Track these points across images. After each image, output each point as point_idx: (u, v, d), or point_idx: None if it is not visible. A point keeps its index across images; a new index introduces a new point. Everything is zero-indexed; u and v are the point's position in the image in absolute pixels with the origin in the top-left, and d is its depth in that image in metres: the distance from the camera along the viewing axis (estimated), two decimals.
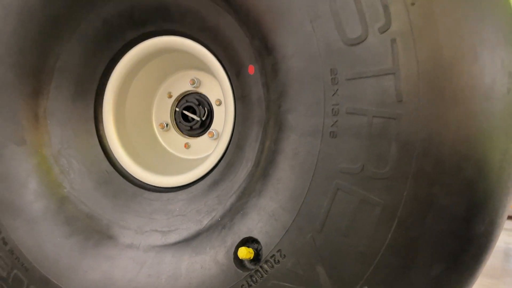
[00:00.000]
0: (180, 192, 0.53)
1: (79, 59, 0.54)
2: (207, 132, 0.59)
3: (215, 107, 0.58)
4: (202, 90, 0.59)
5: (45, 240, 0.51)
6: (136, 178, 0.56)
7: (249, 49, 0.46)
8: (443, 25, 0.37)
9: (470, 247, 0.40)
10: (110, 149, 0.57)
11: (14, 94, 0.53)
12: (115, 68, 0.56)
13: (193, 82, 0.59)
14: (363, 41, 0.38)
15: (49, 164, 0.53)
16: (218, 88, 0.57)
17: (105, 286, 0.47)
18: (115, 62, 0.56)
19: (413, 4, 0.37)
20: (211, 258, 0.44)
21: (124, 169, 0.56)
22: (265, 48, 0.43)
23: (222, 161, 0.51)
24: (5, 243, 0.51)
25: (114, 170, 0.55)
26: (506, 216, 0.46)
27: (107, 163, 0.56)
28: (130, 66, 0.56)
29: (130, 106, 0.59)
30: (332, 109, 0.39)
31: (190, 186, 0.53)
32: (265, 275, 0.41)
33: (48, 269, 0.50)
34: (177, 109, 0.60)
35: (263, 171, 0.44)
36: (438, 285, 0.40)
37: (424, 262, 0.39)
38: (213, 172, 0.51)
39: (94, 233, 0.50)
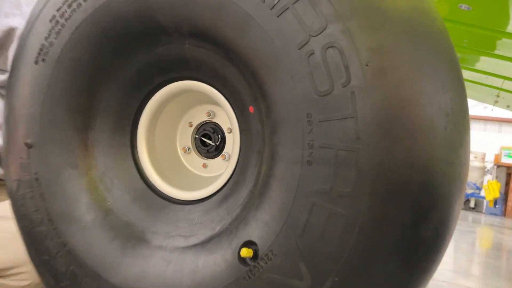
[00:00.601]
0: (198, 205, 0.67)
1: (118, 99, 0.68)
2: (221, 155, 0.72)
3: (227, 135, 0.71)
4: (216, 120, 0.72)
5: (94, 243, 0.65)
6: (164, 193, 0.69)
7: (249, 94, 0.58)
8: (390, 80, 0.49)
9: (419, 248, 0.51)
10: (143, 170, 0.70)
11: (69, 128, 0.67)
12: (146, 106, 0.70)
13: (209, 114, 0.72)
14: (330, 93, 0.50)
15: (96, 183, 0.68)
16: (228, 119, 0.70)
17: (141, 279, 0.61)
18: (146, 101, 0.70)
19: (367, 65, 0.49)
20: (221, 257, 0.56)
21: (154, 186, 0.70)
22: (260, 94, 0.56)
23: (230, 180, 0.63)
24: (64, 245, 0.66)
25: (146, 187, 0.69)
26: (453, 225, 0.56)
27: (141, 181, 0.69)
28: (158, 103, 0.70)
29: (159, 134, 0.72)
30: (308, 143, 0.51)
31: (206, 200, 0.66)
32: (261, 270, 0.53)
33: (97, 265, 0.64)
34: (196, 136, 0.73)
35: (260, 190, 0.56)
36: (394, 278, 0.52)
37: (381, 260, 0.50)
38: (224, 189, 0.64)
39: (132, 237, 0.64)
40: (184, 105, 0.72)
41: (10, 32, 0.93)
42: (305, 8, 0.50)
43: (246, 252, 0.53)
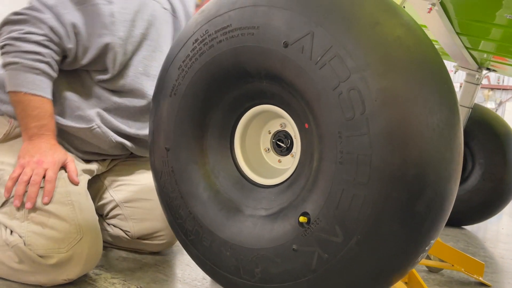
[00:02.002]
0: (274, 188, 0.98)
1: (222, 118, 1.02)
2: (290, 154, 1.02)
3: (294, 140, 1.02)
4: (287, 129, 1.03)
5: (209, 212, 1.00)
6: (252, 180, 1.02)
7: (304, 115, 0.88)
8: (390, 109, 0.74)
9: (414, 218, 0.77)
10: (238, 164, 1.04)
11: (191, 137, 1.03)
12: (240, 121, 1.03)
13: (281, 125, 1.03)
14: (352, 119, 0.77)
15: (209, 173, 1.03)
16: (293, 130, 1.00)
17: (238, 234, 0.94)
18: (239, 118, 1.02)
19: (375, 100, 0.75)
20: (287, 222, 0.87)
21: (246, 175, 1.03)
22: (311, 117, 0.85)
23: (295, 172, 0.94)
24: (191, 213, 1.02)
25: (240, 175, 1.03)
26: (445, 205, 0.80)
27: (237, 172, 1.03)
28: (247, 119, 1.02)
29: (248, 140, 1.05)
30: (340, 150, 0.78)
31: (279, 185, 0.98)
32: (312, 230, 0.83)
33: (211, 226, 0.99)
34: (273, 140, 1.05)
35: (312, 179, 0.85)
36: (396, 237, 0.78)
37: (387, 225, 0.77)
38: (290, 178, 0.95)
39: (232, 209, 0.98)
40: (264, 120, 1.04)
41: (105, 47, 1.19)
42: (337, 63, 0.78)
43: (303, 219, 0.84)
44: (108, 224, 1.38)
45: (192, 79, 0.99)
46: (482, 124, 2.51)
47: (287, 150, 1.03)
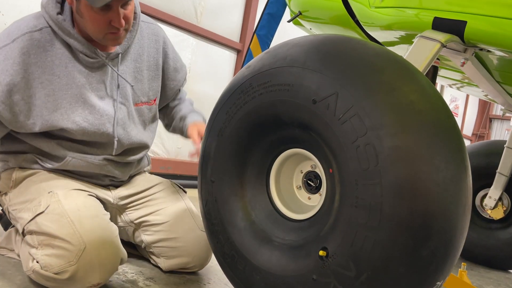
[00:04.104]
0: (303, 222, 1.12)
1: (260, 158, 1.17)
2: (318, 192, 1.15)
3: (323, 180, 1.14)
4: (317, 170, 1.16)
5: (244, 239, 1.15)
6: (283, 214, 1.16)
7: (329, 162, 1.01)
8: (401, 164, 0.86)
9: (420, 262, 0.86)
10: (272, 199, 1.19)
11: (233, 173, 1.19)
12: (275, 161, 1.17)
13: (312, 166, 1.17)
14: (367, 169, 0.89)
15: (246, 205, 1.18)
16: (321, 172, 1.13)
17: (269, 261, 1.08)
18: (275, 159, 1.17)
19: (388, 156, 0.87)
20: (310, 255, 1.00)
21: (278, 209, 1.17)
22: (335, 164, 0.98)
23: (320, 209, 1.07)
24: (228, 239, 1.17)
25: (274, 209, 1.17)
26: (451, 252, 0.89)
27: (271, 206, 1.18)
28: (282, 160, 1.17)
29: (282, 178, 1.20)
30: (356, 196, 0.91)
31: (307, 220, 1.11)
32: (330, 263, 0.95)
33: (245, 252, 1.13)
34: (304, 179, 1.19)
35: (332, 220, 0.98)
36: (403, 279, 0.88)
37: (395, 266, 0.87)
38: (316, 214, 1.08)
39: (264, 238, 1.12)
40: (297, 160, 1.18)
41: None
42: (356, 121, 0.91)
43: (322, 253, 0.96)
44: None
45: (236, 124, 1.15)
46: None
47: (316, 189, 1.16)
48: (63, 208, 1.21)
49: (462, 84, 2.21)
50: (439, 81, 2.61)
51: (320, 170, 1.12)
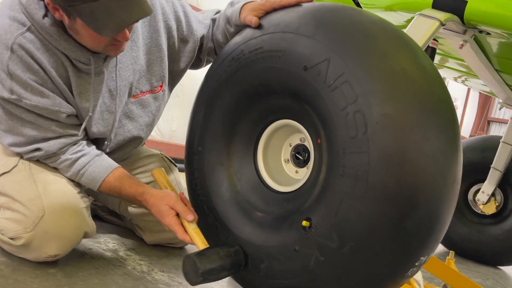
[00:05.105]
0: (288, 194, 1.09)
1: (248, 128, 1.14)
2: (306, 166, 1.13)
3: (311, 153, 1.12)
4: (305, 143, 1.13)
5: (228, 210, 1.12)
6: (269, 186, 1.13)
7: (318, 132, 0.98)
8: (390, 132, 0.83)
9: (403, 234, 0.84)
10: (259, 171, 1.16)
11: (222, 142, 1.17)
12: (264, 132, 1.14)
13: (301, 139, 1.14)
14: (355, 137, 0.86)
15: (232, 175, 1.15)
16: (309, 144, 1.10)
17: (252, 232, 1.05)
18: (264, 130, 1.14)
19: (377, 123, 0.84)
20: (293, 226, 0.97)
21: (264, 181, 1.14)
22: (323, 133, 0.95)
23: (306, 182, 1.04)
24: (212, 209, 1.15)
25: (260, 181, 1.15)
26: (437, 226, 0.86)
27: (257, 178, 1.15)
28: (271, 131, 1.14)
29: (270, 150, 1.17)
30: (342, 165, 0.88)
31: (292, 192, 1.08)
32: (312, 233, 0.92)
33: (229, 222, 1.11)
34: (293, 152, 1.16)
35: (319, 190, 0.95)
36: (386, 250, 0.85)
37: (378, 237, 0.85)
38: (302, 187, 1.05)
39: (248, 209, 1.09)
40: (287, 133, 1.15)
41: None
42: (347, 88, 0.88)
43: (305, 223, 0.93)
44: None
45: (226, 92, 1.12)
46: None
47: (304, 163, 1.13)
48: (29, 170, 1.16)
49: (467, 77, 2.19)
50: (444, 75, 2.58)
51: (309, 143, 1.09)
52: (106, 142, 1.30)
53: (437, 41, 1.36)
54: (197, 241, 1.05)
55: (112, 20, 1.01)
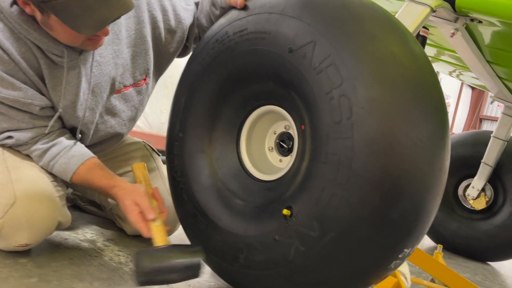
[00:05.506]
0: (270, 183, 1.05)
1: (231, 114, 1.10)
2: (290, 154, 1.09)
3: (295, 140, 1.08)
4: (290, 131, 1.09)
5: (208, 198, 1.08)
6: (252, 174, 1.09)
7: (302, 118, 0.94)
8: (375, 118, 0.79)
9: (387, 224, 0.80)
10: (242, 158, 1.12)
11: (202, 128, 1.12)
12: (247, 119, 1.10)
13: (285, 127, 1.10)
14: (339, 123, 0.82)
15: (213, 163, 1.11)
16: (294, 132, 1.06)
17: (230, 222, 1.01)
18: (247, 116, 1.10)
19: (362, 108, 0.80)
20: (274, 215, 0.94)
21: (247, 169, 1.10)
22: (307, 119, 0.91)
23: (289, 170, 1.00)
24: (192, 197, 1.11)
25: (242, 169, 1.11)
26: (423, 216, 0.83)
27: (239, 165, 1.11)
28: (255, 118, 1.10)
29: (254, 137, 1.13)
30: (325, 151, 0.84)
31: (275, 181, 1.04)
32: (293, 222, 0.89)
33: (208, 210, 1.07)
34: (277, 140, 1.12)
35: (301, 178, 0.92)
36: (368, 241, 0.82)
37: (361, 226, 0.81)
38: (285, 175, 1.01)
39: (228, 197, 1.05)
40: (271, 120, 1.11)
41: None
42: (333, 71, 0.84)
43: (286, 212, 0.90)
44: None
45: (209, 76, 1.08)
46: None
47: (288, 151, 1.09)
48: (2, 155, 1.12)
49: (461, 70, 2.16)
50: (437, 69, 2.55)
51: (293, 131, 1.05)
52: (85, 137, 1.25)
53: (427, 29, 1.32)
54: (157, 239, 0.98)
55: (92, 17, 0.95)
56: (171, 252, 0.93)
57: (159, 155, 1.58)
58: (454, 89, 8.88)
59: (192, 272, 0.93)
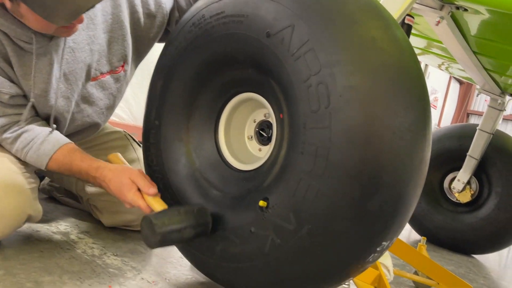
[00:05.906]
0: (248, 173, 1.02)
1: (209, 101, 1.06)
2: (269, 143, 1.05)
3: (273, 130, 1.04)
4: (270, 119, 1.06)
5: (186, 188, 1.05)
6: (230, 164, 1.06)
7: (281, 106, 0.91)
8: (353, 106, 0.76)
9: (365, 216, 0.78)
10: (220, 148, 1.08)
11: (179, 116, 1.08)
12: (226, 106, 1.06)
13: (265, 115, 1.06)
14: (317, 111, 0.79)
15: (191, 152, 1.07)
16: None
17: (209, 205, 0.98)
18: (226, 103, 1.06)
19: (340, 96, 0.77)
20: (251, 206, 0.90)
21: (225, 159, 1.07)
22: (285, 107, 0.88)
23: (267, 160, 0.97)
24: (168, 187, 1.07)
25: (220, 159, 1.07)
26: (402, 209, 0.80)
27: (217, 155, 1.07)
28: (233, 106, 1.06)
29: (233, 126, 1.09)
30: (302, 141, 0.81)
31: (253, 171, 1.01)
32: (269, 214, 0.86)
33: (184, 202, 1.03)
34: (257, 129, 1.08)
35: (278, 168, 0.88)
36: (346, 233, 0.79)
37: (339, 218, 0.78)
38: (263, 165, 0.98)
39: (205, 187, 1.02)
40: (251, 108, 1.08)
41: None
42: (311, 57, 0.81)
43: (262, 203, 0.86)
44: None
45: (185, 61, 1.04)
46: (503, 152, 2.43)
47: (268, 140, 1.06)
48: None
49: (450, 63, 2.13)
50: (426, 62, 2.53)
51: (273, 119, 1.02)
52: (61, 126, 1.20)
53: (413, 17, 1.29)
54: (156, 207, 0.97)
55: (65, 6, 0.90)
56: (178, 210, 0.93)
57: (139, 145, 1.54)
58: (442, 84, 8.91)
59: (202, 228, 0.93)
